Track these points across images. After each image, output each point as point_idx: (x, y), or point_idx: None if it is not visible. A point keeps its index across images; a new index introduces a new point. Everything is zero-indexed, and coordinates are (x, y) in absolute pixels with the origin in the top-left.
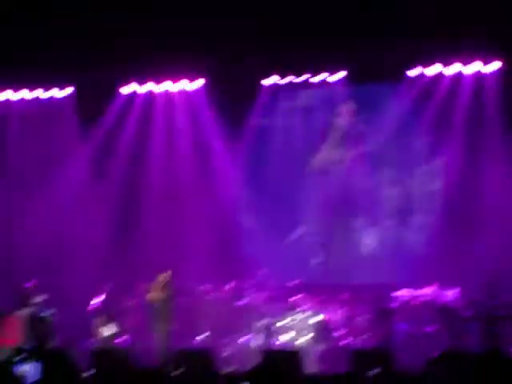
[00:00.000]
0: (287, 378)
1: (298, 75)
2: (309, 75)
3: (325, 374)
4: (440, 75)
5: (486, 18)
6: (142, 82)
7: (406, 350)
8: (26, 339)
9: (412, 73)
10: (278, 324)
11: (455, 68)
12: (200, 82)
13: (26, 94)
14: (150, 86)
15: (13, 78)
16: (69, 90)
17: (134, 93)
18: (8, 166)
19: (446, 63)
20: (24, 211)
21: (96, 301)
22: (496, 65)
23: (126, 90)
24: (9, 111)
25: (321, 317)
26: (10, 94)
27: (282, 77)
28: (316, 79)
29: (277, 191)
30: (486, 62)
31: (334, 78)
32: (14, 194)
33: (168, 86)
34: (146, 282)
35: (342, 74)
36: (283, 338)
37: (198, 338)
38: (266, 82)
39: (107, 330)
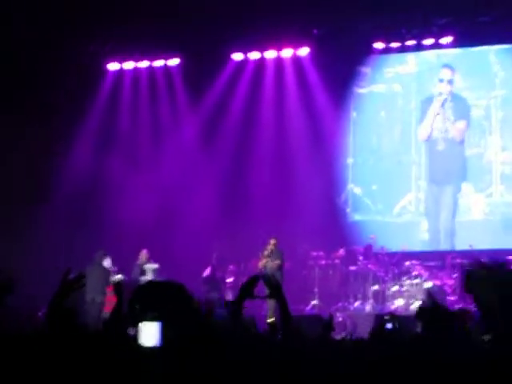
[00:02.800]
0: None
1: (403, 41)
2: (414, 41)
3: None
4: None
5: None
6: (247, 51)
7: None
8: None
9: None
10: (391, 289)
11: None
12: (305, 51)
13: (136, 64)
14: (256, 55)
15: (123, 49)
16: (177, 60)
17: (242, 61)
18: (119, 137)
19: None
20: (134, 181)
21: (206, 271)
22: None
23: (236, 56)
24: (120, 82)
25: (433, 282)
26: (121, 65)
27: (387, 44)
28: (423, 44)
29: (383, 160)
30: None
31: (442, 41)
32: (125, 165)
33: (274, 54)
34: (256, 249)
35: (448, 38)
36: (396, 304)
37: (311, 303)
38: (377, 45)
39: (214, 297)
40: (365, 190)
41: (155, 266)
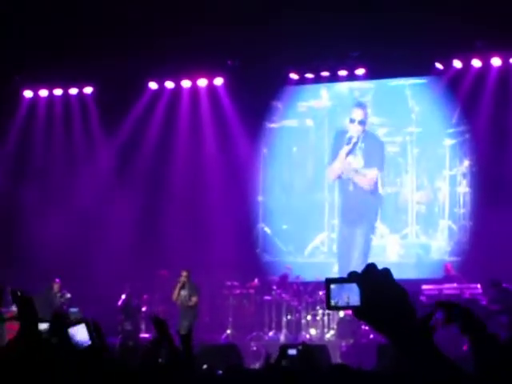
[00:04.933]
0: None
1: (317, 73)
2: (328, 73)
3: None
4: (468, 68)
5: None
6: (163, 80)
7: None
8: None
9: (441, 65)
10: (305, 319)
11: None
12: (220, 81)
13: (50, 92)
14: (171, 84)
15: (38, 76)
16: (91, 89)
17: (157, 90)
18: (33, 165)
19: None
20: (48, 209)
21: (120, 299)
22: None
23: (152, 85)
24: (35, 109)
25: (345, 312)
26: (34, 93)
27: (301, 76)
28: (337, 75)
29: (295, 198)
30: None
31: (356, 72)
32: (38, 193)
33: (189, 83)
34: (169, 280)
35: (362, 70)
36: (310, 333)
37: (226, 332)
38: (292, 76)
39: (127, 327)
40: (275, 229)
41: (68, 295)
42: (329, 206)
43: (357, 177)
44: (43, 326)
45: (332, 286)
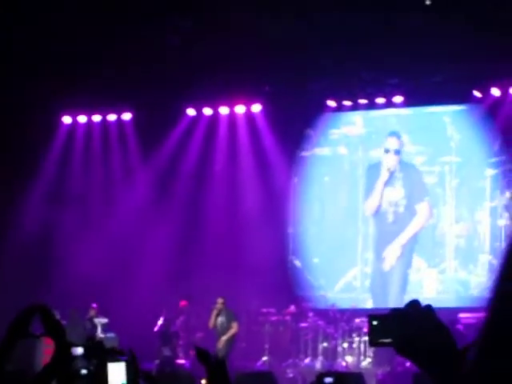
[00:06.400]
0: None
1: (355, 101)
2: (366, 100)
3: None
4: (506, 96)
5: None
6: (201, 106)
7: None
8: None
9: (480, 93)
10: (341, 346)
11: None
12: (258, 108)
13: (89, 117)
14: (209, 111)
15: (76, 103)
16: (129, 115)
17: (195, 116)
18: (71, 191)
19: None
20: (86, 235)
21: (157, 325)
22: None
23: (190, 112)
24: (73, 135)
25: None
26: (73, 119)
27: (339, 103)
28: (375, 103)
29: (326, 230)
30: None
31: (394, 100)
32: (76, 219)
33: (227, 110)
34: (205, 305)
35: (400, 98)
36: (347, 360)
37: (262, 359)
38: (329, 103)
39: (166, 353)
40: (306, 262)
41: (104, 320)
42: (362, 239)
43: (397, 202)
44: (78, 351)
45: (374, 323)
